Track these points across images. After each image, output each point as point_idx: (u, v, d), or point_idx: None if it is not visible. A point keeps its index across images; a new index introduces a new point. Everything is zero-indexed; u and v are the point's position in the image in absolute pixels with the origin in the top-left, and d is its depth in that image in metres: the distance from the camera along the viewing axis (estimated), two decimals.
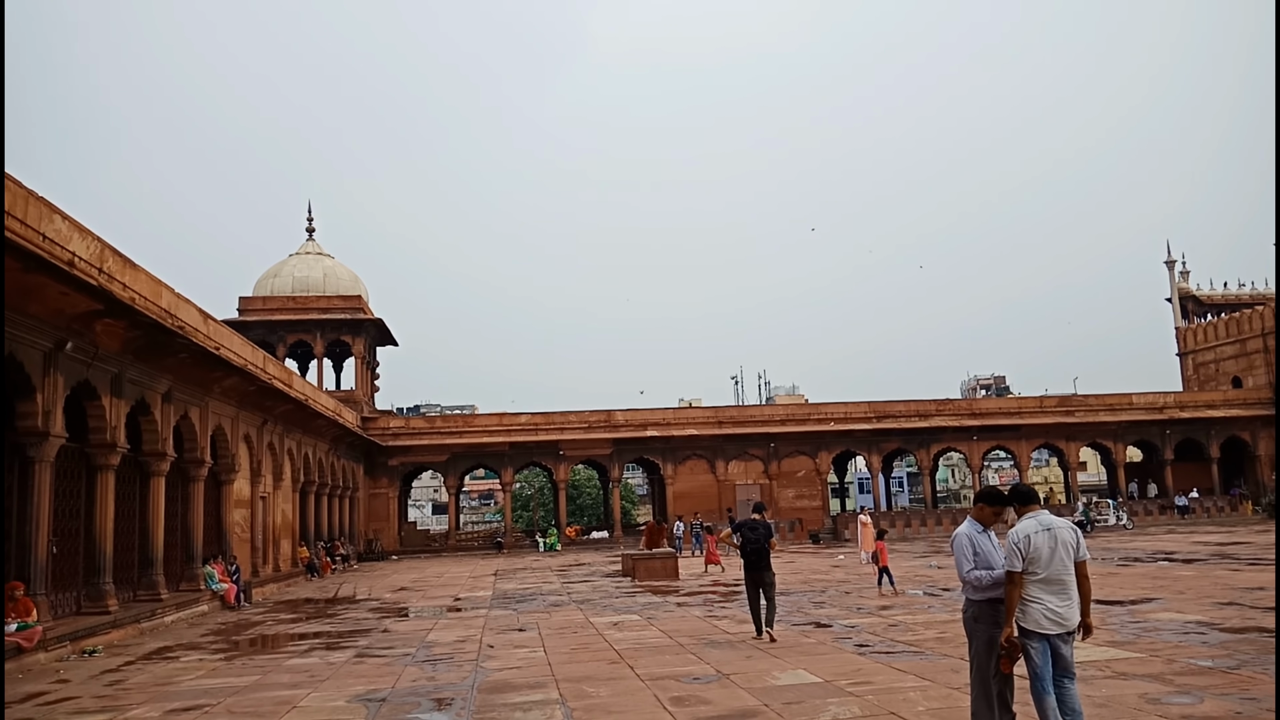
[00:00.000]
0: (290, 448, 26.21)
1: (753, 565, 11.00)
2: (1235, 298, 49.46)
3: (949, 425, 41.58)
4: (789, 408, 42.77)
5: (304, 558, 27.05)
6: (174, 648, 12.88)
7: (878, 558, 16.58)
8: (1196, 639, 9.81)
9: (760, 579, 10.94)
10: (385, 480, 38.99)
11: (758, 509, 11.71)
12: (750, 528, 11.16)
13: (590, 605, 16.08)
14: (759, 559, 10.95)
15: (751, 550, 11.00)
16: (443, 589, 21.57)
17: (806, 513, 40.02)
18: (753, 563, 11.00)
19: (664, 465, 40.12)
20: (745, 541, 11.12)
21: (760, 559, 10.93)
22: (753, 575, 11.03)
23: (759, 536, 11.04)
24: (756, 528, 11.13)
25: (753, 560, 10.99)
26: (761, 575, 10.92)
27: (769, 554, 11.05)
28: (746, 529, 11.20)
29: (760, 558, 10.94)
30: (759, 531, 11.10)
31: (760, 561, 10.93)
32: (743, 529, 11.29)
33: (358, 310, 38.40)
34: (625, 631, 12.34)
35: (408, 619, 15.59)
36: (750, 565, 11.03)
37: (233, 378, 19.42)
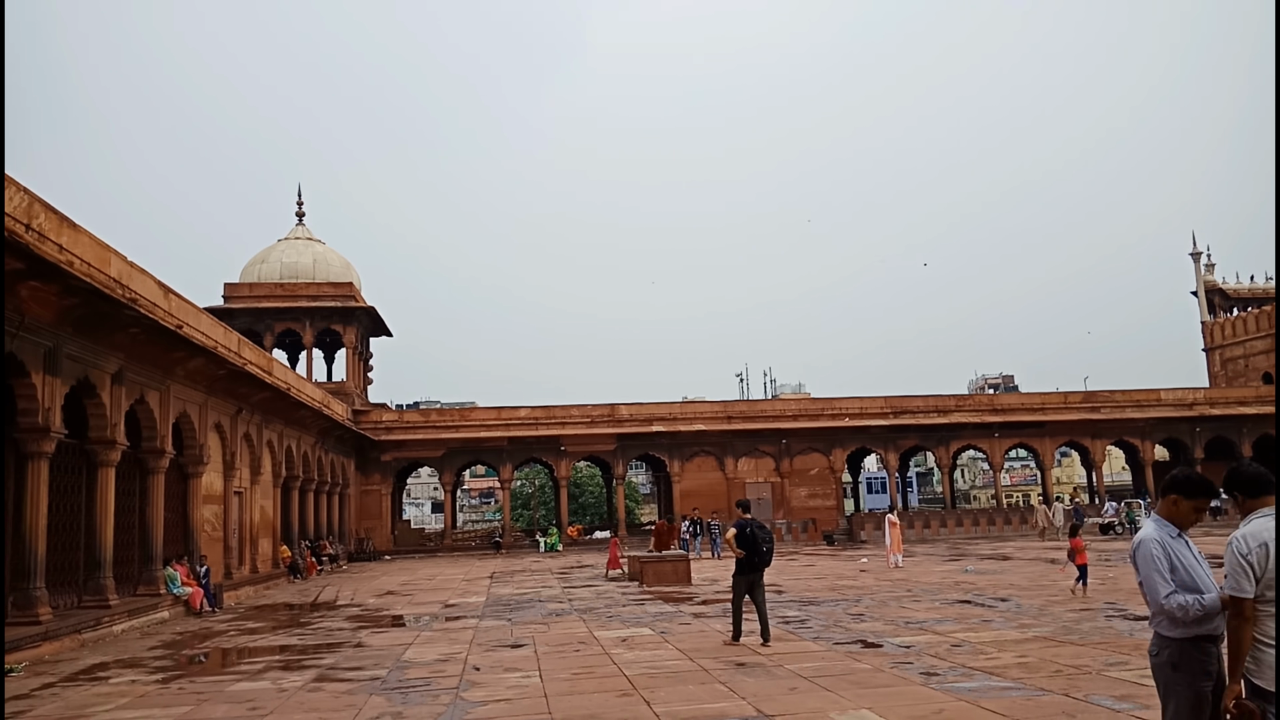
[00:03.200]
0: (270, 440, 24.32)
1: (753, 567, 10.47)
2: (1264, 291, 47.44)
3: (969, 421, 39.61)
4: (801, 402, 40.83)
5: (286, 558, 25.17)
6: (110, 665, 11.01)
7: (1074, 556, 14.75)
8: None
9: (755, 581, 10.50)
10: (378, 476, 37.09)
11: (744, 507, 11.29)
12: (759, 527, 10.60)
13: (594, 615, 14.19)
14: (762, 562, 10.49)
15: (767, 551, 10.52)
16: (433, 594, 19.69)
17: (820, 512, 38.12)
18: (754, 564, 10.46)
19: (670, 462, 38.20)
20: (759, 541, 10.48)
21: (764, 562, 10.49)
22: (749, 577, 10.50)
23: (768, 537, 10.57)
24: (764, 528, 10.68)
25: (755, 563, 10.46)
26: (758, 577, 10.51)
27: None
28: (755, 528, 10.59)
29: (764, 560, 10.49)
30: (767, 532, 10.65)
31: (762, 564, 10.50)
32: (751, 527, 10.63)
33: (349, 298, 36.53)
34: (636, 650, 10.44)
35: (387, 630, 13.69)
36: (751, 567, 10.47)
37: (198, 359, 17.53)
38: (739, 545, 10.50)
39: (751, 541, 10.42)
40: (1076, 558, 14.64)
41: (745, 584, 10.50)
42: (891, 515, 22.93)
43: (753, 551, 10.41)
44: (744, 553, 10.43)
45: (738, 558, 10.55)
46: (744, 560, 10.46)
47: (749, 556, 10.42)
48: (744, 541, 10.48)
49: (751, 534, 10.46)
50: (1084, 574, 14.48)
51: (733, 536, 10.63)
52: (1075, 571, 14.66)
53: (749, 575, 10.47)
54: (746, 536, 10.47)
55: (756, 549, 10.41)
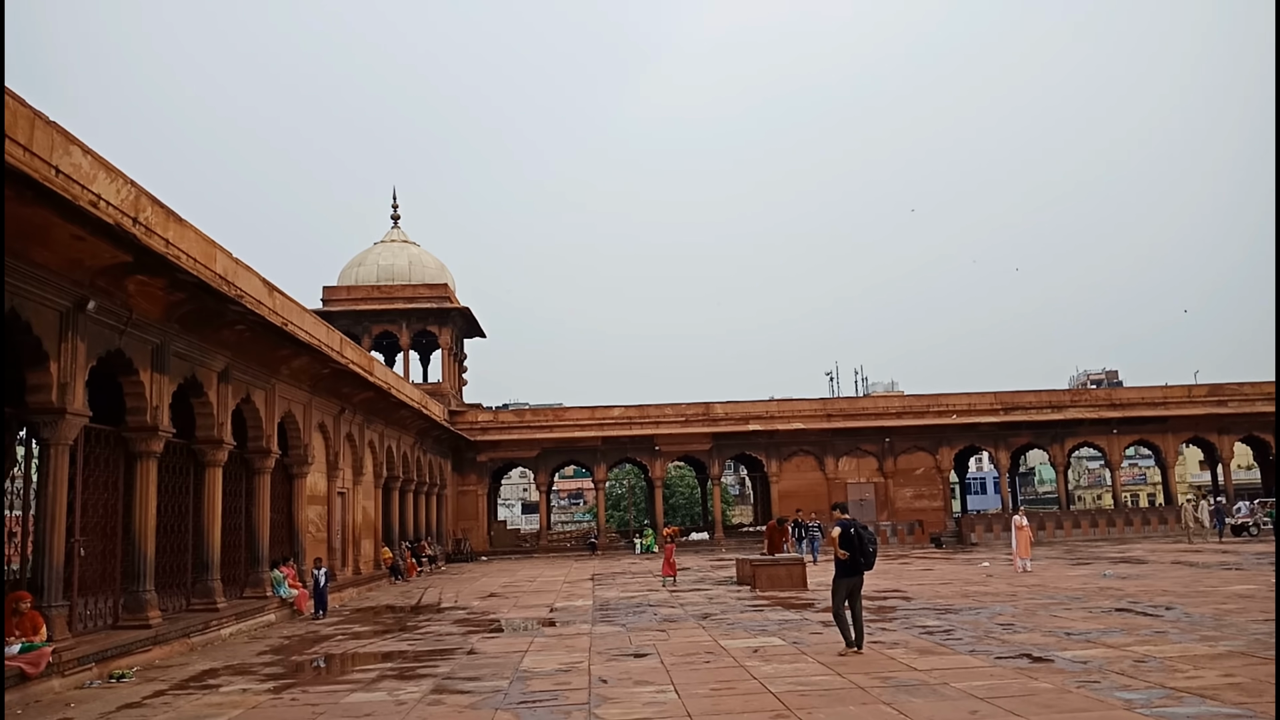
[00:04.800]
0: (372, 440, 24.15)
1: (856, 569, 9.96)
2: None
3: (1085, 418, 37.55)
4: (905, 399, 39.24)
5: (387, 559, 24.98)
6: (220, 671, 10.61)
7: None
8: None
9: (857, 585, 10.02)
10: (474, 477, 36.94)
11: (843, 508, 10.86)
12: (862, 528, 10.12)
13: (714, 622, 13.36)
14: (867, 564, 9.98)
15: (872, 553, 10.00)
16: (536, 596, 19.13)
17: (926, 514, 36.56)
18: (858, 567, 9.95)
19: (767, 462, 37.12)
20: (865, 542, 9.96)
21: (868, 564, 9.98)
22: (852, 580, 9.97)
23: (872, 538, 10.07)
24: (867, 529, 10.22)
25: (859, 565, 9.95)
26: (859, 581, 10.05)
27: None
28: (859, 529, 10.09)
29: (868, 563, 9.98)
30: (870, 533, 10.16)
31: (866, 566, 10.00)
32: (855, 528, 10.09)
33: (444, 299, 36.47)
34: (773, 663, 9.58)
35: (498, 635, 13.10)
36: (854, 569, 9.95)
37: (302, 357, 17.28)
38: (843, 546, 9.98)
39: (857, 543, 9.92)
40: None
41: (848, 588, 9.98)
42: (1018, 517, 21.54)
43: (858, 553, 9.91)
44: (848, 554, 9.94)
45: (841, 560, 10.02)
46: (848, 562, 9.95)
47: (853, 558, 9.93)
48: (848, 543, 9.96)
49: (856, 535, 9.97)
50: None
51: (837, 536, 10.09)
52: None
53: (852, 578, 9.98)
54: (850, 537, 9.97)
55: (862, 550, 9.92)
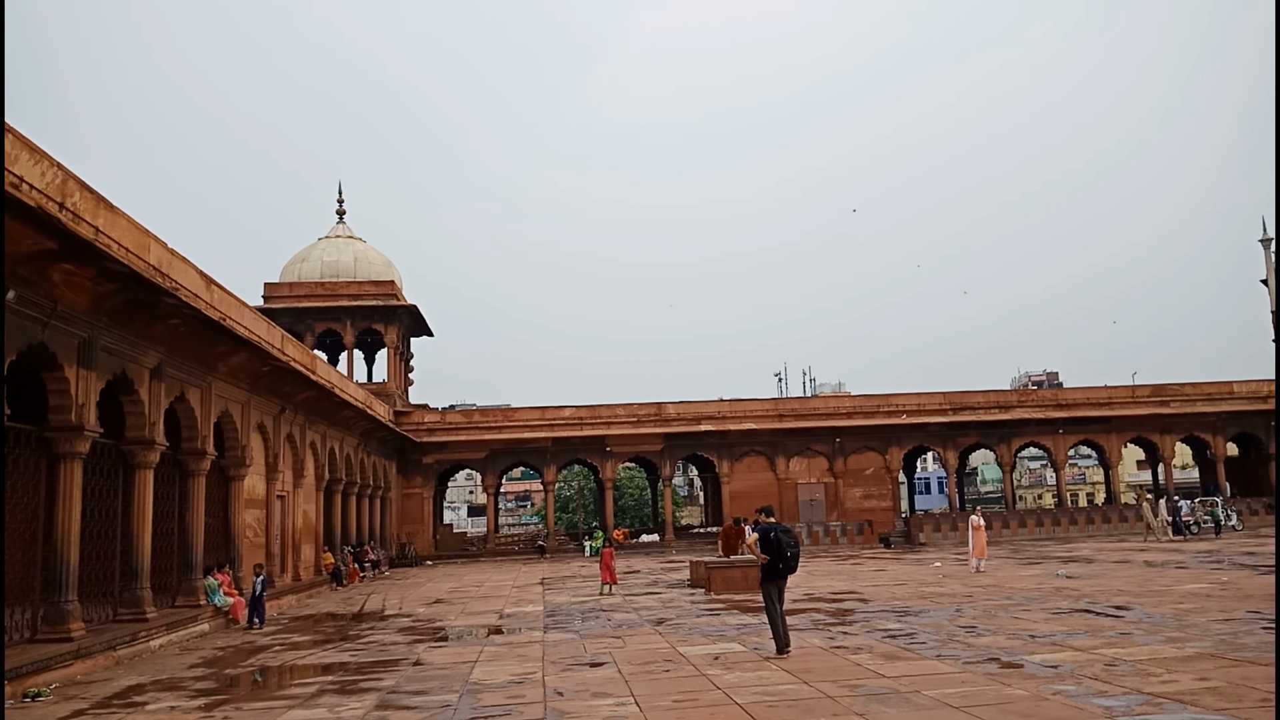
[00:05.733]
0: (313, 441, 23.37)
1: (779, 573, 10.02)
2: None
3: (1032, 418, 37.93)
4: (856, 400, 39.30)
5: (328, 565, 24.21)
6: (147, 686, 9.96)
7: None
8: None
9: (782, 586, 10.13)
10: (419, 479, 36.16)
11: (768, 511, 10.76)
12: (784, 531, 10.11)
13: (670, 627, 12.97)
14: (788, 568, 10.04)
15: (792, 556, 10.05)
16: (484, 602, 18.59)
17: (876, 514, 36.63)
18: (780, 570, 10.00)
19: (719, 462, 36.91)
20: (784, 546, 9.95)
21: (789, 568, 10.06)
22: (777, 583, 10.06)
23: (793, 542, 10.09)
24: (789, 532, 10.23)
25: (780, 569, 10.00)
26: (784, 584, 10.16)
27: None
28: (780, 532, 10.07)
29: (790, 566, 10.06)
30: (792, 536, 10.19)
31: (787, 570, 10.06)
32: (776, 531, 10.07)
33: (391, 297, 35.65)
34: (735, 671, 9.21)
35: (446, 644, 12.57)
36: (776, 573, 10.00)
37: (241, 354, 16.55)
38: (763, 550, 10.04)
39: (777, 547, 9.96)
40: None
41: (775, 590, 10.03)
42: (975, 517, 21.51)
43: (778, 557, 9.95)
44: (768, 558, 9.99)
45: (762, 564, 10.09)
46: (769, 566, 10.01)
47: (774, 562, 9.97)
48: (768, 546, 10.01)
49: (776, 539, 9.99)
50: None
51: (755, 541, 10.16)
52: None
53: (776, 581, 10.04)
54: (771, 541, 10.00)
55: (781, 554, 9.95)
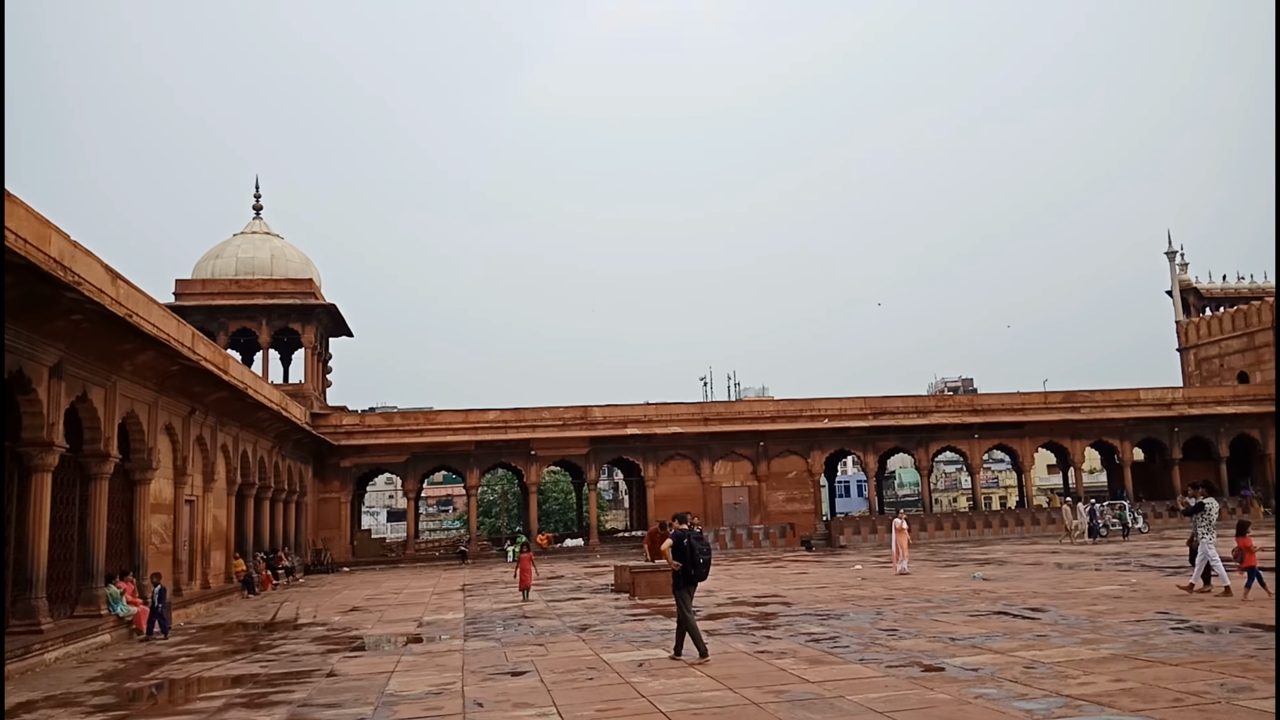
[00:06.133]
0: (225, 444, 22.57)
1: (691, 580, 10.14)
2: (1236, 291, 47.36)
3: (949, 422, 38.79)
4: (780, 404, 39.65)
5: (240, 572, 23.41)
6: (39, 703, 9.39)
7: (1242, 557, 13.41)
8: None
9: (693, 592, 10.23)
10: (337, 483, 35.28)
11: (681, 518, 10.82)
12: (697, 538, 10.25)
13: (594, 634, 12.79)
14: (699, 575, 10.16)
15: (704, 563, 10.16)
16: (403, 609, 18.15)
17: (798, 517, 36.99)
18: (692, 577, 10.12)
19: (645, 466, 36.85)
20: (696, 553, 10.07)
21: (700, 574, 10.17)
22: (690, 590, 10.17)
23: (705, 549, 10.22)
24: (701, 538, 10.37)
25: (692, 575, 10.11)
26: (694, 588, 10.26)
27: None
28: (693, 539, 10.19)
29: (701, 573, 10.16)
30: (704, 543, 10.31)
31: (699, 576, 10.18)
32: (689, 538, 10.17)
33: (309, 295, 34.74)
34: (661, 678, 9.07)
35: (362, 654, 12.18)
36: (689, 579, 10.12)
37: (148, 353, 15.84)
38: (675, 557, 10.11)
39: (690, 553, 10.05)
40: (1246, 559, 13.31)
41: (688, 596, 10.14)
42: (898, 520, 21.79)
43: (690, 564, 10.06)
44: (680, 565, 10.07)
45: (674, 571, 10.18)
46: (681, 573, 10.10)
47: (686, 569, 10.07)
48: (681, 553, 10.08)
49: (689, 545, 10.08)
50: (1254, 576, 13.09)
51: (669, 548, 10.18)
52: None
53: (689, 588, 10.16)
54: (684, 548, 10.07)
55: (694, 561, 10.06)
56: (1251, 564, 13.20)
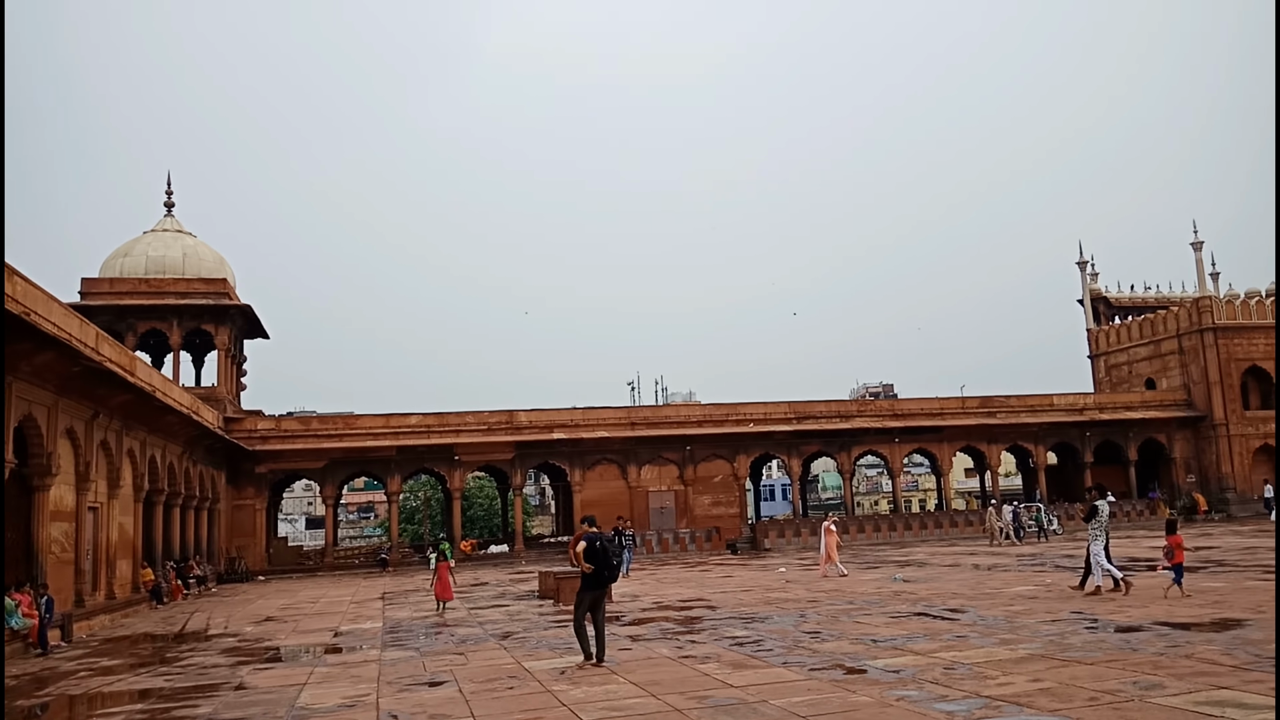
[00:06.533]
0: (132, 449, 21.69)
1: (601, 582, 10.08)
2: (1143, 300, 49.08)
3: (871, 426, 39.36)
4: (706, 408, 39.77)
5: (148, 582, 22.50)
6: None
7: (1172, 554, 13.57)
8: None
9: (599, 597, 10.14)
10: (252, 490, 34.22)
11: (591, 521, 10.78)
12: (608, 541, 10.28)
13: (516, 641, 12.54)
14: (610, 577, 10.15)
15: (616, 566, 10.21)
16: (319, 619, 17.63)
17: (723, 520, 37.12)
18: (602, 580, 10.07)
19: (571, 470, 36.56)
20: (609, 557, 10.09)
21: (611, 577, 10.17)
22: (596, 593, 10.08)
23: (617, 551, 10.32)
24: (613, 541, 10.48)
25: (604, 578, 10.07)
26: (603, 593, 10.21)
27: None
28: (605, 541, 10.21)
29: (612, 576, 10.16)
30: (616, 546, 10.41)
31: (609, 579, 10.17)
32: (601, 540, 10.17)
33: (222, 295, 33.65)
34: (582, 685, 8.90)
35: (273, 666, 11.75)
36: (599, 582, 10.06)
37: (47, 353, 15.11)
38: (587, 560, 10.03)
39: (602, 556, 10.02)
40: (1175, 556, 13.58)
41: (591, 600, 10.07)
42: (828, 523, 21.94)
43: (602, 566, 10.02)
44: (592, 568, 10.00)
45: (585, 573, 10.08)
46: (592, 576, 10.02)
47: (598, 571, 10.01)
48: (593, 556, 10.02)
49: (601, 548, 10.06)
50: (1179, 573, 13.46)
51: (582, 551, 10.07)
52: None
53: (595, 591, 10.09)
54: (595, 551, 10.03)
55: (605, 564, 10.04)
56: (1179, 561, 13.54)
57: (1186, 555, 14.27)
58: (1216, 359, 41.61)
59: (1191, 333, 42.49)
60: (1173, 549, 13.62)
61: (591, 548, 9.99)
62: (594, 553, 9.98)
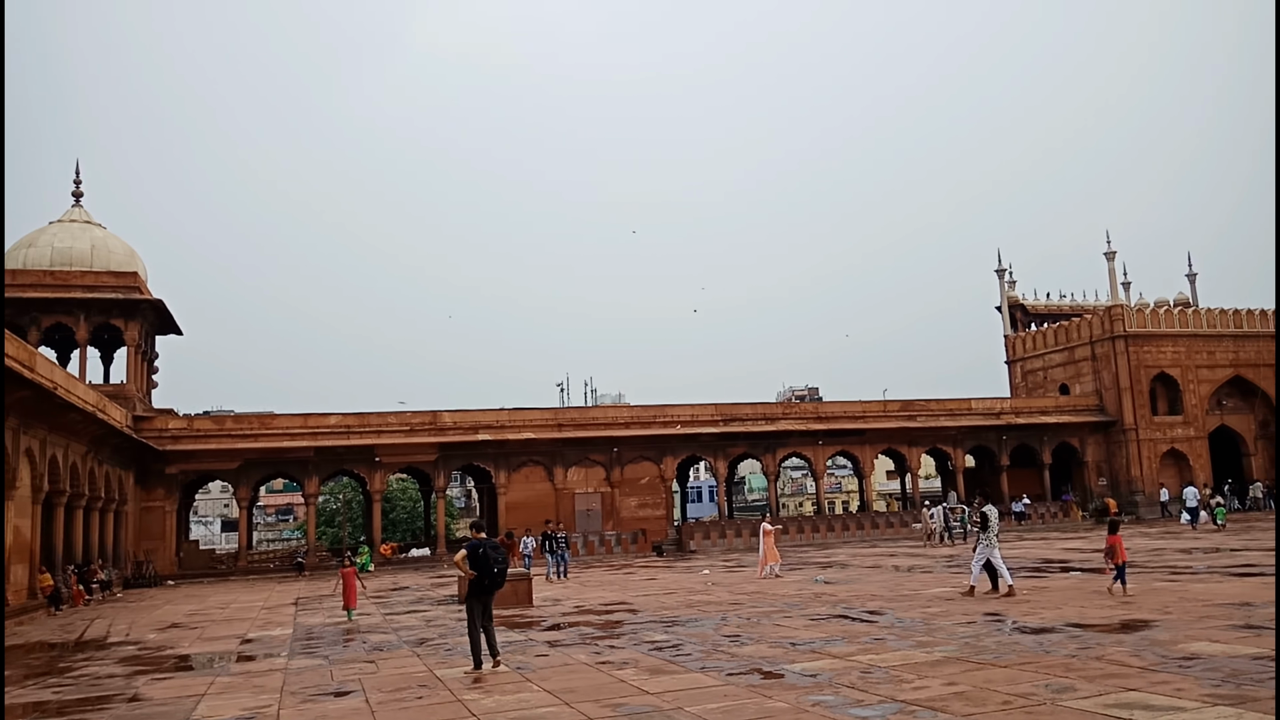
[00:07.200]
0: (30, 448, 20.69)
1: (485, 589, 10.02)
2: (1059, 308, 50.44)
3: (795, 429, 39.72)
4: (634, 410, 39.69)
5: (47, 587, 21.47)
6: None
7: (1113, 553, 13.69)
8: None
9: (489, 603, 10.11)
10: (162, 491, 33.04)
11: (478, 527, 10.82)
12: (492, 547, 10.18)
13: (430, 648, 12.19)
14: (493, 584, 10.08)
15: (498, 573, 10.10)
16: (227, 625, 16.99)
17: (650, 522, 37.08)
18: (486, 586, 10.02)
19: (497, 473, 36.12)
20: (491, 563, 9.98)
21: (495, 583, 10.09)
22: (484, 600, 10.03)
23: (500, 558, 10.20)
24: (497, 548, 10.31)
25: (486, 585, 10.02)
26: (491, 600, 10.16)
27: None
28: (489, 548, 10.12)
29: (495, 582, 10.09)
30: (500, 552, 10.31)
31: (493, 585, 10.10)
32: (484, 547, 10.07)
33: (133, 289, 32.43)
34: (495, 693, 8.64)
35: (174, 676, 11.21)
36: (484, 589, 10.01)
37: None
38: (472, 566, 9.98)
39: (485, 562, 9.97)
40: (1116, 556, 13.76)
41: (480, 606, 10.01)
42: (766, 524, 21.97)
43: (485, 573, 9.97)
44: (476, 574, 9.97)
45: (470, 580, 10.02)
46: (475, 582, 9.99)
47: (480, 578, 9.97)
48: (477, 562, 9.97)
49: (485, 555, 10.01)
50: (1122, 572, 13.68)
51: (463, 558, 10.02)
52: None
53: (483, 598, 10.04)
54: (480, 558, 9.98)
55: (489, 570, 9.98)
56: (1122, 560, 13.78)
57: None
58: (1127, 366, 42.99)
59: (1104, 340, 43.84)
60: (1114, 548, 13.90)
61: (475, 554, 9.95)
62: (478, 559, 9.94)
